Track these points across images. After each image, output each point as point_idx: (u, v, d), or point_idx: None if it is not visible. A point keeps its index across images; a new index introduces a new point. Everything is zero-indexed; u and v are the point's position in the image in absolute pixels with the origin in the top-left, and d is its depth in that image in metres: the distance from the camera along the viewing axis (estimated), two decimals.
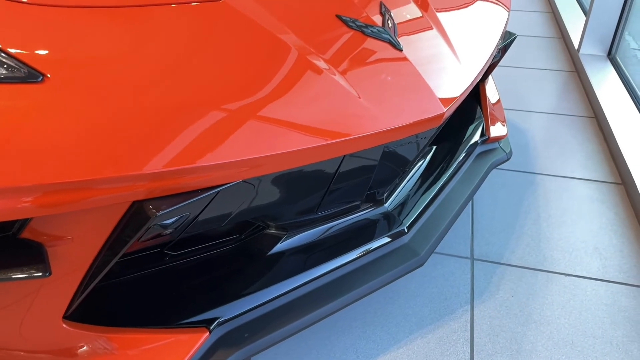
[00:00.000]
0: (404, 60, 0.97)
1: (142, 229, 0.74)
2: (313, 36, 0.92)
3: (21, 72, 0.70)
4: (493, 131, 1.46)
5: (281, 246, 1.03)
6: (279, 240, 1.03)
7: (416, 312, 1.26)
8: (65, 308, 0.80)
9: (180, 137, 0.73)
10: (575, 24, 2.85)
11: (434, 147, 1.35)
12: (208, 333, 0.87)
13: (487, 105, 1.50)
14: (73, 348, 0.85)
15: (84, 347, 0.85)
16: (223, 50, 0.84)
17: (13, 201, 0.65)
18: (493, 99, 1.60)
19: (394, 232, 1.12)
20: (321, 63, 0.88)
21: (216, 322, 0.89)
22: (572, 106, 2.19)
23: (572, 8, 3.13)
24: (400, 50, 0.98)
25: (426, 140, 1.08)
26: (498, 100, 1.65)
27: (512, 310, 1.26)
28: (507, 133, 1.55)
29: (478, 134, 1.42)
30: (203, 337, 0.87)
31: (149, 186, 0.72)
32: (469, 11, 1.27)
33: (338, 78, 0.88)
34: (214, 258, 1.00)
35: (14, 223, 0.72)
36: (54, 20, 0.79)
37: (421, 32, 1.08)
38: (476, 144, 1.39)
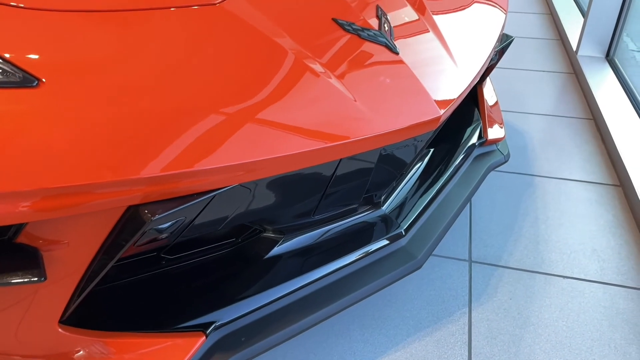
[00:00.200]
0: (400, 63, 0.97)
1: (138, 234, 0.73)
2: (309, 40, 0.92)
3: (16, 77, 0.70)
4: (491, 133, 1.46)
5: (278, 249, 1.03)
6: (276, 243, 1.03)
7: (414, 315, 1.25)
8: (61, 312, 0.80)
9: (176, 142, 0.73)
10: (573, 26, 2.86)
11: (432, 150, 1.35)
12: (204, 337, 0.87)
13: (485, 107, 1.50)
14: (69, 353, 0.85)
15: (80, 352, 0.85)
16: (219, 54, 0.84)
17: (8, 206, 0.65)
18: (491, 101, 1.61)
19: (392, 235, 1.12)
20: (317, 66, 0.88)
21: (213, 326, 0.88)
22: (570, 108, 2.19)
23: (571, 10, 3.13)
24: (396, 53, 0.98)
25: (423, 143, 1.08)
26: (496, 102, 1.65)
27: (510, 312, 1.26)
28: (505, 135, 1.55)
29: (476, 137, 1.41)
30: (199, 341, 0.87)
31: (145, 190, 0.71)
32: (466, 14, 1.28)
33: (334, 81, 0.88)
34: (211, 262, 1.00)
35: (9, 228, 0.72)
36: (49, 24, 0.79)
37: (418, 35, 1.08)
38: (474, 147, 1.39)
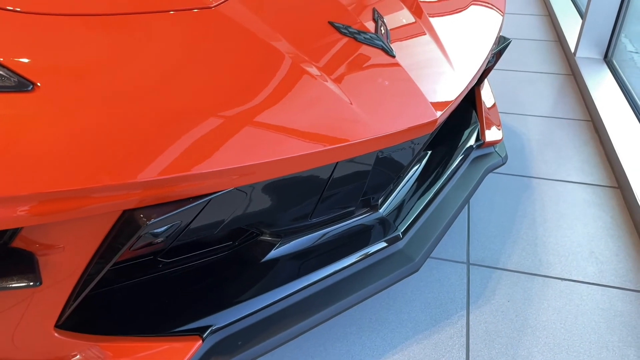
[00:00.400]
0: (397, 66, 0.97)
1: (133, 238, 0.73)
2: (305, 43, 0.92)
3: (11, 81, 0.70)
4: (488, 135, 1.46)
5: (275, 253, 1.03)
6: (273, 247, 1.03)
7: (412, 318, 1.25)
8: (57, 317, 0.80)
9: (172, 145, 0.73)
10: (571, 27, 2.86)
11: (429, 152, 1.35)
12: (201, 341, 0.87)
13: (483, 109, 1.50)
14: (66, 357, 0.84)
15: (77, 356, 0.85)
16: (215, 58, 0.84)
17: (3, 210, 0.65)
18: (488, 103, 1.60)
19: (389, 238, 1.12)
20: (313, 70, 0.88)
21: (209, 330, 0.88)
22: (569, 109, 2.19)
23: (569, 11, 3.13)
24: (392, 56, 0.98)
25: (420, 145, 1.08)
26: (493, 104, 1.65)
27: (508, 315, 1.26)
28: (503, 137, 1.55)
29: (473, 139, 1.41)
30: (196, 345, 0.87)
31: (141, 195, 0.71)
32: (463, 16, 1.28)
33: (330, 85, 0.88)
34: (207, 265, 0.99)
35: (5, 232, 0.72)
36: (44, 28, 0.79)
37: (414, 38, 1.08)
38: (471, 149, 1.39)
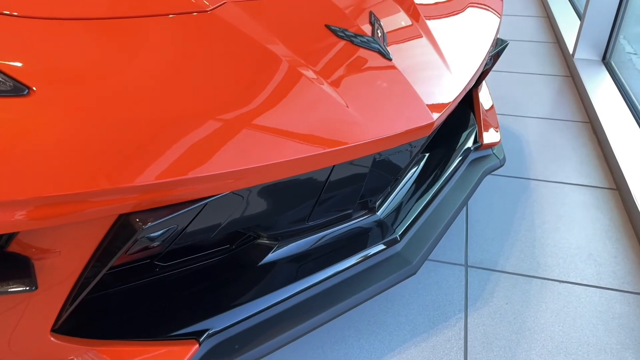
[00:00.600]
0: (393, 69, 0.97)
1: (129, 242, 0.73)
2: (302, 46, 0.92)
3: (7, 86, 0.70)
4: (486, 138, 1.46)
5: (272, 256, 1.03)
6: (270, 250, 1.03)
7: (410, 321, 1.25)
8: (53, 321, 0.80)
9: (168, 150, 0.73)
10: (570, 29, 2.86)
11: (427, 155, 1.35)
12: (198, 345, 0.87)
13: (481, 111, 1.50)
14: None
15: None
16: (211, 61, 0.84)
17: None
18: (486, 105, 1.61)
19: (387, 241, 1.12)
20: (309, 73, 0.88)
21: (206, 334, 0.88)
22: (567, 111, 2.19)
23: (567, 12, 3.13)
24: (389, 59, 0.98)
25: (417, 148, 1.08)
26: (491, 106, 1.65)
27: (506, 317, 1.26)
28: (501, 139, 1.55)
29: (471, 141, 1.41)
30: (193, 349, 0.86)
31: (137, 199, 0.71)
32: (460, 19, 1.28)
33: (326, 88, 0.88)
34: (205, 269, 0.99)
35: (0, 236, 0.72)
36: (40, 32, 0.79)
37: (411, 41, 1.08)
38: (469, 151, 1.39)
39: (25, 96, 0.70)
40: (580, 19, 2.57)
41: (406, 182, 1.27)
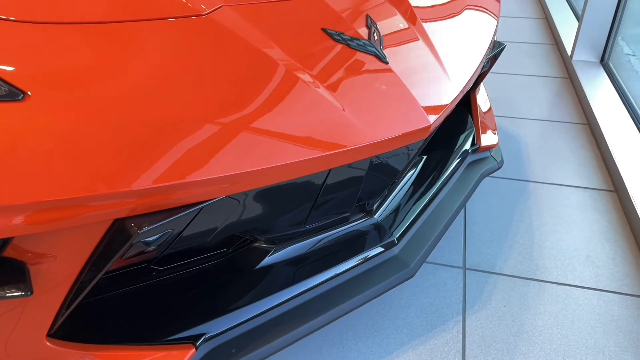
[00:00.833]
0: (390, 72, 0.97)
1: (125, 247, 0.73)
2: (298, 50, 0.92)
3: (1, 90, 0.70)
4: (484, 140, 1.45)
5: (269, 259, 1.03)
6: (267, 253, 1.03)
7: (408, 324, 1.25)
8: (49, 326, 0.79)
9: (164, 154, 0.73)
10: (568, 31, 2.86)
11: (424, 157, 1.35)
12: (194, 349, 0.87)
13: (478, 114, 1.50)
14: None
15: None
16: (207, 66, 0.84)
17: None
18: (484, 108, 1.60)
19: (384, 244, 1.12)
20: (305, 76, 0.88)
21: (203, 338, 0.88)
22: (565, 113, 2.19)
23: (566, 14, 3.14)
24: (385, 62, 0.98)
25: (414, 151, 1.08)
26: (489, 108, 1.65)
27: (504, 320, 1.25)
28: (499, 142, 1.55)
29: (469, 143, 1.41)
30: (189, 354, 0.86)
31: (132, 204, 0.71)
32: (457, 21, 1.28)
33: (322, 91, 0.87)
34: (201, 272, 0.99)
35: None
36: (35, 36, 0.79)
37: (407, 44, 1.08)
38: (467, 153, 1.39)
39: (20, 101, 0.70)
40: (578, 21, 2.57)
41: (404, 185, 1.27)
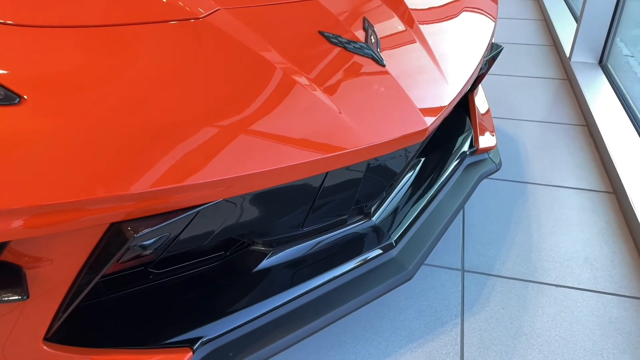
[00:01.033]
0: (386, 75, 0.97)
1: (121, 250, 0.73)
2: (295, 53, 0.92)
3: None
4: (482, 142, 1.45)
5: (267, 262, 1.03)
6: (265, 256, 1.03)
7: (406, 326, 1.25)
8: (45, 330, 0.79)
9: (160, 158, 0.73)
10: (567, 32, 2.87)
11: (422, 159, 1.35)
12: (191, 353, 0.87)
13: (476, 116, 1.50)
14: None
15: None
16: (203, 69, 0.84)
17: None
18: (482, 109, 1.60)
19: (382, 246, 1.12)
20: (302, 79, 0.88)
21: (200, 342, 0.88)
22: (564, 114, 2.19)
23: (564, 15, 3.14)
24: (382, 65, 0.98)
25: (412, 153, 1.08)
26: (487, 110, 1.65)
27: (503, 322, 1.25)
28: (497, 143, 1.55)
29: (467, 145, 1.41)
30: (186, 357, 0.86)
31: (128, 207, 0.71)
32: (455, 23, 1.28)
33: (319, 94, 0.87)
34: (199, 275, 0.99)
35: None
36: (31, 40, 0.79)
37: (404, 47, 1.08)
38: (465, 156, 1.39)
39: (16, 105, 0.70)
40: (577, 22, 2.57)
41: (402, 187, 1.27)
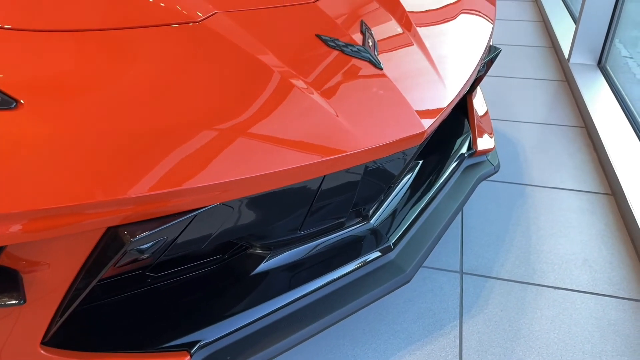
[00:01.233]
0: (384, 78, 0.97)
1: (118, 254, 0.73)
2: (292, 56, 0.92)
3: None
4: (480, 144, 1.45)
5: (265, 265, 1.03)
6: (263, 259, 1.03)
7: (405, 329, 1.25)
8: (42, 334, 0.79)
9: (157, 162, 0.73)
10: (565, 33, 2.87)
11: (420, 162, 1.35)
12: (189, 357, 0.86)
13: (475, 118, 1.50)
14: None
15: None
16: (201, 73, 0.84)
17: None
18: (481, 111, 1.61)
19: (380, 249, 1.12)
20: (299, 83, 0.88)
21: (197, 346, 0.88)
22: (562, 116, 2.19)
23: (563, 17, 3.14)
24: (380, 68, 0.98)
25: (410, 156, 1.08)
26: (486, 112, 1.65)
27: (501, 325, 1.25)
28: (495, 146, 1.55)
29: (465, 147, 1.41)
30: None
31: (125, 211, 0.71)
32: (452, 26, 1.28)
33: (316, 97, 0.87)
34: (197, 279, 0.99)
35: None
36: (28, 44, 0.79)
37: (402, 50, 1.08)
38: (463, 158, 1.39)
39: (13, 109, 0.70)
40: (575, 23, 2.58)
41: (400, 190, 1.27)
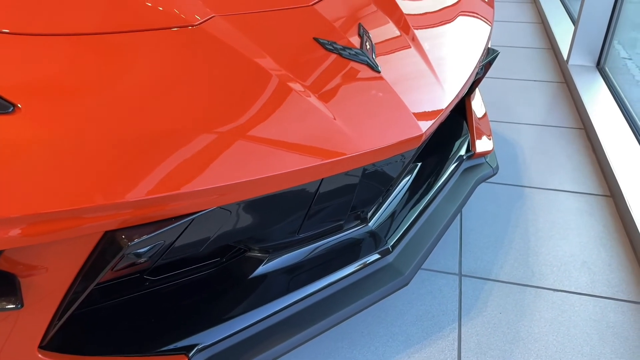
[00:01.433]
0: (381, 81, 0.97)
1: (116, 258, 0.73)
2: (290, 60, 0.92)
3: None
4: (479, 146, 1.46)
5: (263, 269, 1.03)
6: (261, 262, 1.03)
7: (403, 331, 1.25)
8: (40, 338, 0.79)
9: (155, 166, 0.73)
10: (564, 35, 2.87)
11: (419, 164, 1.35)
12: None
13: (473, 120, 1.50)
14: None
15: None
16: (199, 76, 0.84)
17: None
18: (479, 113, 1.61)
19: (378, 252, 1.12)
20: (297, 86, 0.88)
21: (196, 349, 0.88)
22: (561, 118, 2.19)
23: (562, 18, 3.14)
24: (378, 71, 0.98)
25: (408, 158, 1.08)
26: (484, 114, 1.65)
27: (500, 327, 1.25)
28: (494, 148, 1.55)
29: (464, 150, 1.41)
30: None
31: (123, 215, 0.71)
32: (450, 29, 1.28)
33: (314, 100, 0.88)
34: (195, 282, 0.99)
35: None
36: (25, 48, 0.79)
37: (400, 52, 1.08)
38: (462, 160, 1.39)
39: (10, 113, 0.70)
40: (574, 25, 2.58)
41: (398, 192, 1.27)
